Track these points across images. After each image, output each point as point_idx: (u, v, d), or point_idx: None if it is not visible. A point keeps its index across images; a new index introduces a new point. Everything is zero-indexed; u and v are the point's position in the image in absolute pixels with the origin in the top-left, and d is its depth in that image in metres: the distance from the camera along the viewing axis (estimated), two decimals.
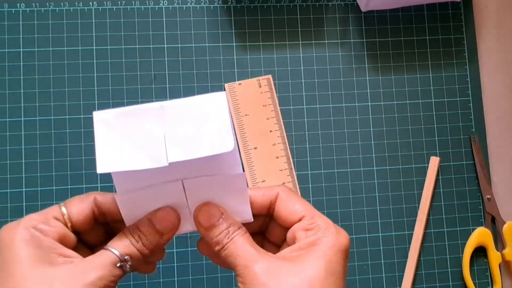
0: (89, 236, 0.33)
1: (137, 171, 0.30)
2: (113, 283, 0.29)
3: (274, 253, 0.32)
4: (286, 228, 0.33)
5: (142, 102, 0.49)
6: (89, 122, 0.48)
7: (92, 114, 0.32)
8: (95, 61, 0.49)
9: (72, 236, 0.31)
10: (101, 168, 0.29)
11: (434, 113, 0.52)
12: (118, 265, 0.29)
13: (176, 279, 0.48)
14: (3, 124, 0.48)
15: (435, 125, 0.52)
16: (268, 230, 0.35)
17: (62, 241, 0.30)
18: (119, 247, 0.30)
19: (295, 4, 0.52)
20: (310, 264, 0.29)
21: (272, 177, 0.49)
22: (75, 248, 0.31)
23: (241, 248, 0.30)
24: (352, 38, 0.52)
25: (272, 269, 0.29)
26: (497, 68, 0.54)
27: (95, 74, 0.49)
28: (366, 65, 0.52)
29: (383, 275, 0.50)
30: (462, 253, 0.51)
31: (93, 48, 0.49)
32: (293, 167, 0.50)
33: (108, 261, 0.29)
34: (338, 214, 0.50)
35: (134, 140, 0.30)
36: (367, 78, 0.52)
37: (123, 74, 0.49)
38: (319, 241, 0.30)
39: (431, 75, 0.53)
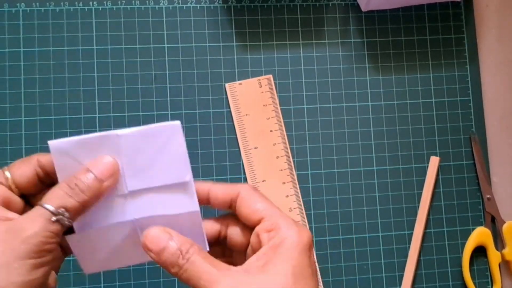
0: (39, 200, 0.32)
1: (92, 210, 0.31)
2: (51, 238, 0.28)
3: (239, 260, 0.31)
4: (249, 230, 0.32)
5: (142, 102, 0.49)
6: (90, 122, 0.48)
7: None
8: (95, 60, 0.49)
9: (17, 200, 0.31)
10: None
11: (434, 113, 0.52)
12: (53, 219, 0.28)
13: (176, 279, 0.48)
14: (3, 123, 0.48)
15: (435, 125, 0.52)
16: (228, 237, 0.34)
17: (7, 204, 0.30)
18: (52, 200, 0.29)
19: (295, 4, 0.52)
20: (276, 273, 0.28)
21: (272, 177, 0.49)
22: (11, 202, 0.31)
23: (201, 269, 0.29)
24: (352, 38, 0.52)
25: (238, 286, 0.28)
26: (497, 68, 0.54)
27: (95, 74, 0.49)
28: (367, 65, 0.52)
29: (383, 274, 0.50)
30: (462, 252, 0.51)
31: (94, 48, 0.49)
32: (293, 167, 0.50)
33: (41, 216, 0.28)
34: (338, 214, 0.50)
35: None
36: (368, 78, 0.52)
37: (123, 74, 0.49)
38: (282, 243, 0.30)
39: (431, 75, 0.53)
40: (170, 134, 0.32)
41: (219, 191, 0.33)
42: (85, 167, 0.30)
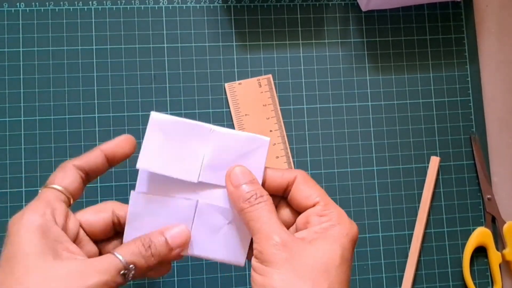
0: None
1: (165, 178, 0.32)
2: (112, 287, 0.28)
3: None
4: (297, 213, 0.34)
5: (141, 102, 0.49)
6: (89, 122, 0.48)
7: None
8: (94, 60, 0.49)
9: (75, 219, 0.31)
10: (141, 164, 0.32)
11: (434, 112, 0.52)
12: (121, 272, 0.28)
13: (176, 279, 0.48)
14: (3, 123, 0.48)
15: (436, 125, 0.52)
16: (294, 194, 0.35)
17: (68, 224, 0.30)
18: (127, 254, 0.29)
19: (295, 3, 0.52)
20: (326, 249, 0.30)
21: None
22: (84, 242, 0.31)
23: (267, 216, 0.31)
24: (352, 38, 0.52)
25: (291, 246, 0.29)
26: (497, 67, 0.54)
27: (94, 74, 0.49)
28: (367, 65, 0.52)
29: (383, 275, 0.50)
30: (463, 253, 0.51)
31: (93, 47, 0.49)
32: (293, 167, 0.50)
33: (112, 267, 0.28)
34: None
35: (178, 150, 0.33)
36: (368, 77, 0.52)
37: (123, 73, 0.49)
38: (334, 227, 0.31)
39: (431, 74, 0.53)
40: (257, 146, 0.34)
41: (277, 176, 0.34)
42: (160, 230, 0.32)
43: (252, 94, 0.50)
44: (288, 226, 0.34)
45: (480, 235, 0.51)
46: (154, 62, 0.50)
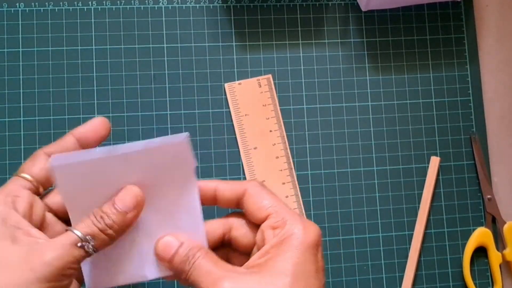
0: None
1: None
2: (73, 264, 0.28)
3: (244, 262, 0.31)
4: (255, 230, 0.32)
5: (141, 102, 0.49)
6: None
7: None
8: (94, 60, 0.49)
9: (40, 205, 0.31)
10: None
11: (434, 113, 0.52)
12: (79, 244, 0.28)
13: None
14: (2, 124, 0.47)
15: (436, 125, 0.52)
16: (233, 239, 0.34)
17: (31, 211, 0.30)
18: (82, 227, 0.29)
19: (295, 3, 0.52)
20: (277, 272, 0.28)
21: (272, 177, 0.49)
22: (52, 224, 0.31)
23: (204, 271, 0.29)
24: (352, 38, 0.52)
25: (238, 286, 0.28)
26: (498, 67, 0.54)
27: (94, 74, 0.49)
28: (367, 65, 0.52)
29: (383, 275, 0.50)
30: (463, 253, 0.51)
31: (93, 47, 0.49)
32: (293, 167, 0.50)
33: (67, 241, 0.28)
34: (338, 214, 0.50)
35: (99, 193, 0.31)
36: (368, 77, 0.52)
37: (122, 74, 0.49)
38: (286, 240, 0.29)
39: (431, 74, 0.53)
40: (177, 150, 0.31)
41: (226, 189, 0.33)
42: (112, 199, 0.31)
43: (252, 94, 0.50)
44: (249, 248, 0.33)
45: (480, 235, 0.51)
46: (153, 62, 0.50)
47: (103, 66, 0.49)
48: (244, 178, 0.49)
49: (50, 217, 0.32)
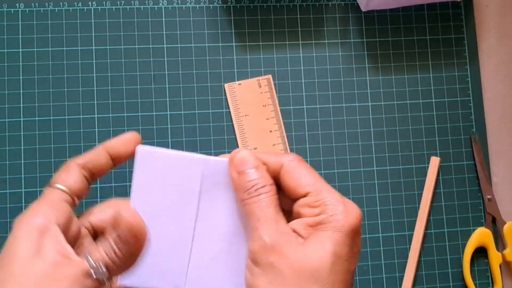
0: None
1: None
2: None
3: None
4: (290, 201, 0.32)
5: (141, 102, 0.49)
6: (89, 123, 0.48)
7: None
8: (94, 61, 0.49)
9: (75, 219, 0.30)
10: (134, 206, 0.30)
11: (434, 113, 0.52)
12: (91, 274, 0.27)
13: None
14: (2, 124, 0.47)
15: (436, 125, 0.52)
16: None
17: (70, 225, 0.29)
18: (94, 251, 0.28)
19: (295, 4, 0.52)
20: (316, 250, 0.28)
21: None
22: (80, 241, 0.31)
23: (263, 212, 0.29)
24: (352, 38, 0.52)
25: (280, 248, 0.28)
26: (497, 68, 0.54)
27: (94, 74, 0.49)
28: (367, 65, 0.52)
29: (384, 275, 0.50)
30: (463, 253, 0.51)
31: (93, 48, 0.49)
32: None
33: (78, 270, 0.27)
34: None
35: (170, 189, 0.31)
36: (367, 78, 0.52)
37: (122, 74, 0.49)
38: (326, 221, 0.28)
39: (431, 75, 0.53)
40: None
41: (265, 161, 0.31)
42: (130, 232, 0.29)
43: (251, 95, 0.50)
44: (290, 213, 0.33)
45: (480, 235, 0.51)
46: (153, 62, 0.50)
47: (103, 66, 0.49)
48: None
49: (84, 234, 0.31)
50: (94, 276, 0.27)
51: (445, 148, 0.52)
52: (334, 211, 0.29)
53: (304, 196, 0.30)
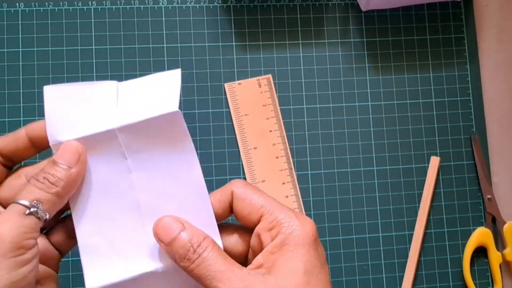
0: None
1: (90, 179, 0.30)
2: (28, 234, 0.27)
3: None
4: (247, 236, 0.31)
5: None
6: None
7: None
8: (94, 60, 0.49)
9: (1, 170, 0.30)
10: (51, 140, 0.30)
11: (434, 112, 0.52)
12: (27, 212, 0.27)
13: None
14: (2, 124, 0.47)
15: (436, 125, 0.52)
16: (224, 249, 0.32)
17: None
18: (24, 194, 0.28)
19: (295, 3, 0.52)
20: (288, 273, 0.27)
21: (272, 177, 0.49)
22: None
23: (213, 267, 0.28)
24: (352, 38, 0.52)
25: (251, 286, 0.27)
26: (497, 67, 0.54)
27: (94, 74, 0.49)
28: (367, 65, 0.52)
29: (383, 275, 0.50)
30: (463, 253, 0.51)
31: (93, 47, 0.49)
32: (293, 167, 0.50)
33: (13, 212, 0.27)
34: (338, 214, 0.50)
35: (85, 110, 0.30)
36: (368, 77, 0.52)
37: (122, 74, 0.49)
38: (287, 240, 0.28)
39: (431, 74, 0.53)
40: (168, 78, 0.31)
41: (214, 200, 0.31)
42: (51, 159, 0.29)
43: (251, 94, 0.50)
44: (243, 254, 0.32)
45: (480, 235, 0.51)
46: (153, 62, 0.50)
47: (103, 66, 0.49)
48: (244, 178, 0.49)
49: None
50: (33, 213, 0.27)
51: (445, 148, 0.52)
52: (291, 229, 0.29)
53: (259, 221, 0.30)
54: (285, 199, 0.49)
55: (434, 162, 0.51)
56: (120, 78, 0.49)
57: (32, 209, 0.27)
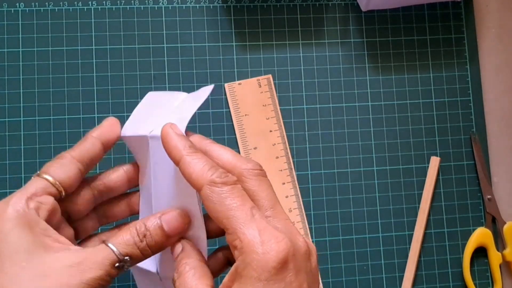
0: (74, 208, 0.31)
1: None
2: (107, 283, 0.27)
3: None
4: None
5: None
6: (89, 122, 0.48)
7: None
8: (94, 60, 0.49)
9: (59, 210, 0.30)
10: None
11: (434, 113, 0.52)
12: (116, 265, 0.27)
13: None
14: (2, 124, 0.47)
15: (436, 125, 0.52)
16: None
17: (52, 217, 0.28)
18: (121, 245, 0.27)
19: (295, 3, 0.52)
20: None
21: (272, 177, 0.49)
22: (63, 228, 0.30)
23: (184, 286, 0.27)
24: (352, 38, 0.52)
25: None
26: (498, 67, 0.54)
27: (94, 74, 0.49)
28: (367, 65, 0.52)
29: (383, 275, 0.50)
30: (463, 253, 0.51)
31: (93, 47, 0.49)
32: (293, 167, 0.50)
33: (107, 261, 0.27)
34: (338, 214, 0.50)
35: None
36: (368, 77, 0.52)
37: (122, 74, 0.49)
38: (243, 272, 0.24)
39: (431, 75, 0.53)
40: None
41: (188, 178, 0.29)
42: (158, 215, 0.29)
43: (251, 94, 0.50)
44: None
45: (480, 235, 0.51)
46: (153, 62, 0.50)
47: (103, 66, 0.49)
48: None
49: (63, 220, 0.31)
50: (120, 267, 0.27)
51: (445, 148, 0.52)
52: (250, 257, 0.24)
53: (225, 232, 0.26)
54: (285, 199, 0.49)
55: (434, 162, 0.51)
56: (120, 78, 0.49)
57: (120, 264, 0.27)
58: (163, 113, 0.34)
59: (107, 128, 0.33)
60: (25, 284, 0.25)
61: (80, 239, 0.34)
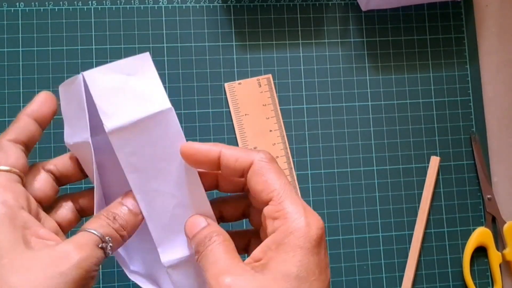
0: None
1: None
2: (96, 266, 0.27)
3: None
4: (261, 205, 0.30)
5: None
6: None
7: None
8: (94, 60, 0.49)
9: (31, 196, 0.30)
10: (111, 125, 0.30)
11: (434, 112, 0.52)
12: (100, 245, 0.27)
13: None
14: (2, 124, 0.47)
15: (436, 125, 0.52)
16: (250, 217, 0.33)
17: (30, 207, 0.29)
18: (99, 227, 0.28)
19: (295, 3, 0.52)
20: (280, 274, 0.26)
21: None
22: (39, 217, 0.30)
23: (212, 259, 0.28)
24: (352, 38, 0.52)
25: (240, 285, 0.26)
26: (497, 67, 0.54)
27: None
28: (367, 65, 0.52)
29: (383, 275, 0.50)
30: (463, 253, 0.51)
31: (93, 47, 0.49)
32: (293, 167, 0.50)
33: (90, 241, 0.27)
34: (338, 214, 0.50)
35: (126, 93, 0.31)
36: (368, 77, 0.52)
37: None
38: (286, 239, 0.26)
39: (431, 74, 0.53)
40: (163, 119, 0.31)
41: (232, 155, 0.29)
42: (119, 200, 0.30)
43: (251, 94, 0.50)
44: (239, 218, 0.33)
45: (480, 235, 0.51)
46: (153, 62, 0.50)
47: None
48: None
49: (39, 210, 0.31)
50: (104, 247, 0.28)
51: (445, 147, 0.52)
52: (293, 227, 0.27)
53: (267, 203, 0.28)
54: None
55: (434, 162, 0.51)
56: None
57: (103, 244, 0.28)
58: (104, 105, 0.31)
59: (39, 104, 0.32)
60: (13, 279, 0.25)
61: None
